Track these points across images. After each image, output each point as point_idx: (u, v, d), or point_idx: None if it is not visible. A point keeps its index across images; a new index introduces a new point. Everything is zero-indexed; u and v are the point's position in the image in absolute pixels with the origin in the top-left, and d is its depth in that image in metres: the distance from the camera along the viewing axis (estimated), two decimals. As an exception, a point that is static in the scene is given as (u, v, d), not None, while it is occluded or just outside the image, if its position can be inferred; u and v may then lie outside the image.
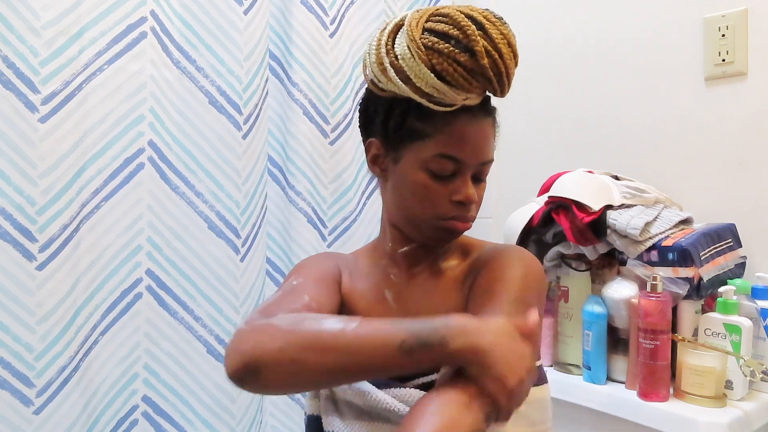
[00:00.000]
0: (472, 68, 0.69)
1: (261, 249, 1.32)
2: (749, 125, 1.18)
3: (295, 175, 1.39)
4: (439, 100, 0.71)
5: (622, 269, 1.15)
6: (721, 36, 1.21)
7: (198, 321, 1.21)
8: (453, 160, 0.73)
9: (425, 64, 0.69)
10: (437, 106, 0.71)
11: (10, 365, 1.01)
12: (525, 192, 1.38)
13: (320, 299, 0.73)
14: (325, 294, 0.75)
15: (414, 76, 0.70)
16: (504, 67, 0.70)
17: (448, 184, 0.74)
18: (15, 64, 1.01)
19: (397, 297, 0.81)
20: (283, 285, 0.78)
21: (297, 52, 1.38)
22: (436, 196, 0.74)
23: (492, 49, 0.69)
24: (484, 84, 0.70)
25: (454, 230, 0.76)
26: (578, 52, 1.46)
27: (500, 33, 0.70)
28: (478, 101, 0.73)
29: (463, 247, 0.84)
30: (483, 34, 0.69)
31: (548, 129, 1.52)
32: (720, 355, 0.98)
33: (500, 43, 0.70)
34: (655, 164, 1.31)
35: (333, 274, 0.81)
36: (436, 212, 0.75)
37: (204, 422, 1.21)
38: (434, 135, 0.73)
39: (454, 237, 0.79)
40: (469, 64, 0.68)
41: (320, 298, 0.74)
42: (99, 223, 1.11)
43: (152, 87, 1.16)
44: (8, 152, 1.01)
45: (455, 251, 0.84)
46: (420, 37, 0.70)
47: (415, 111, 0.73)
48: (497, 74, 0.70)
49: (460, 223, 0.76)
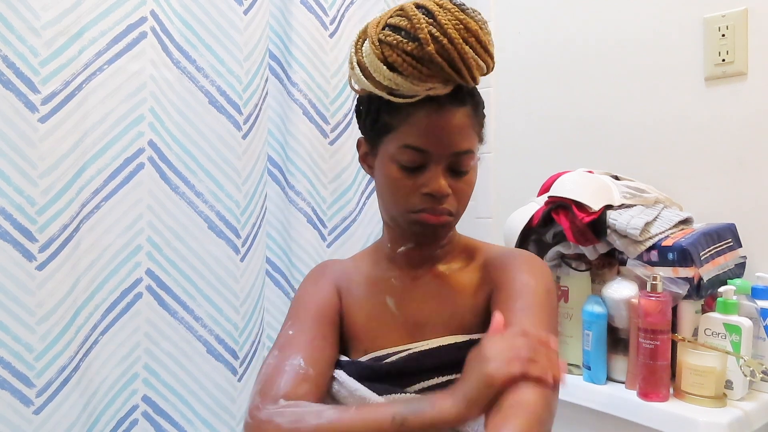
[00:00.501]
0: (419, 56, 0.68)
1: (261, 249, 1.32)
2: (749, 125, 1.18)
3: (294, 175, 1.39)
4: (400, 93, 0.71)
5: (622, 269, 1.15)
6: (721, 36, 1.21)
7: (198, 321, 1.21)
8: (418, 150, 0.73)
9: (378, 58, 0.70)
10: (399, 98, 0.72)
11: (10, 365, 1.01)
12: (525, 192, 1.38)
13: (315, 356, 0.75)
14: (320, 346, 0.76)
15: (373, 71, 0.71)
16: (456, 52, 0.68)
17: (419, 177, 0.73)
18: (15, 64, 1.01)
19: (399, 303, 0.80)
20: (281, 332, 0.79)
21: (297, 52, 1.38)
22: (406, 188, 0.74)
23: (440, 34, 0.68)
24: (436, 71, 0.69)
25: (425, 223, 0.74)
26: (578, 52, 1.46)
27: (454, 18, 0.69)
28: (445, 91, 0.72)
29: (466, 250, 0.83)
30: (432, 21, 0.69)
31: (548, 129, 1.52)
32: (720, 355, 0.98)
33: (450, 28, 0.68)
34: (655, 164, 1.31)
35: (329, 306, 0.81)
36: (406, 205, 0.75)
37: (204, 422, 1.21)
38: (399, 127, 0.73)
39: (430, 231, 0.76)
40: (416, 52, 0.68)
41: (315, 354, 0.75)
42: (99, 223, 1.11)
43: (152, 87, 1.16)
44: (8, 152, 1.01)
45: (457, 253, 0.83)
46: (377, 32, 0.71)
47: (385, 106, 0.74)
48: (447, 59, 0.68)
49: (431, 215, 0.74)
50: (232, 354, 1.24)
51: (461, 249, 0.84)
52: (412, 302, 0.80)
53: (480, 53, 0.71)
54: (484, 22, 0.72)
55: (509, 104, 1.61)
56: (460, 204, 0.76)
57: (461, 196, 0.76)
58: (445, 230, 0.78)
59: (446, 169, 0.74)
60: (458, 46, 0.68)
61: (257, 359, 1.30)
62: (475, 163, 0.77)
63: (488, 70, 0.75)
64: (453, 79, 0.70)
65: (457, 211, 0.76)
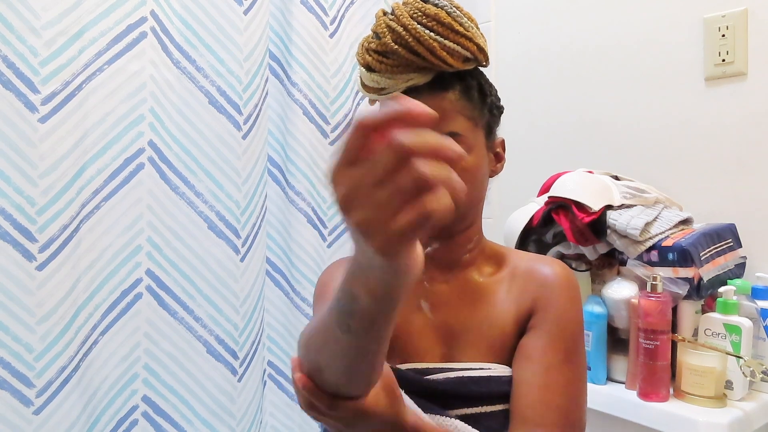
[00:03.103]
0: (381, 50, 0.72)
1: (261, 249, 1.32)
2: (749, 125, 1.18)
3: (295, 175, 1.39)
4: (387, 90, 0.74)
5: (622, 269, 1.15)
6: (721, 36, 1.21)
7: (198, 321, 1.21)
8: None
9: (360, 64, 0.75)
10: (385, 96, 0.75)
11: (10, 365, 1.01)
12: (525, 192, 1.38)
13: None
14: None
15: (361, 77, 0.76)
16: (411, 36, 0.70)
17: None
18: (15, 64, 1.01)
19: (434, 307, 0.79)
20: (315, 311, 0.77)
21: (297, 52, 1.38)
22: None
23: (396, 24, 0.71)
24: (400, 60, 0.71)
25: None
26: (578, 52, 1.46)
27: (412, 9, 0.71)
28: (425, 80, 0.73)
29: (494, 256, 0.82)
30: (390, 14, 0.73)
31: (548, 129, 1.52)
32: (720, 355, 0.98)
33: (405, 17, 0.71)
34: (655, 164, 1.31)
35: None
36: None
37: (204, 422, 1.21)
38: None
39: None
40: (377, 47, 0.72)
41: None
42: (99, 223, 1.11)
43: (152, 87, 1.16)
44: (8, 152, 1.01)
45: (485, 258, 0.81)
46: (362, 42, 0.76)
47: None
48: (404, 45, 0.70)
49: None
50: (232, 354, 1.24)
51: (489, 254, 0.82)
52: (447, 308, 0.78)
53: (446, 35, 0.71)
54: (449, 5, 0.72)
55: (509, 104, 1.60)
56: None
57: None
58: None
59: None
60: (413, 31, 0.70)
61: (257, 359, 1.30)
62: (469, 148, 0.74)
63: (470, 52, 0.73)
64: (419, 65, 0.72)
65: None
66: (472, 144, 0.75)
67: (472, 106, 0.75)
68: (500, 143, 0.82)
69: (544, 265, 0.79)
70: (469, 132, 0.74)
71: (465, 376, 0.73)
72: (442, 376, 0.74)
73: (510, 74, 1.61)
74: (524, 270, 0.79)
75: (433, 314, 0.78)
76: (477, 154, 0.75)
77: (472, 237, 0.80)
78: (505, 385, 0.73)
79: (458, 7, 0.73)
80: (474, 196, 0.77)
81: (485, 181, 0.79)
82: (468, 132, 0.74)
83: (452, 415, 0.71)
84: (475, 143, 0.75)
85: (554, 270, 0.78)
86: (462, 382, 0.73)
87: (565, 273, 0.78)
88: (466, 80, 0.75)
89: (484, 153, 0.77)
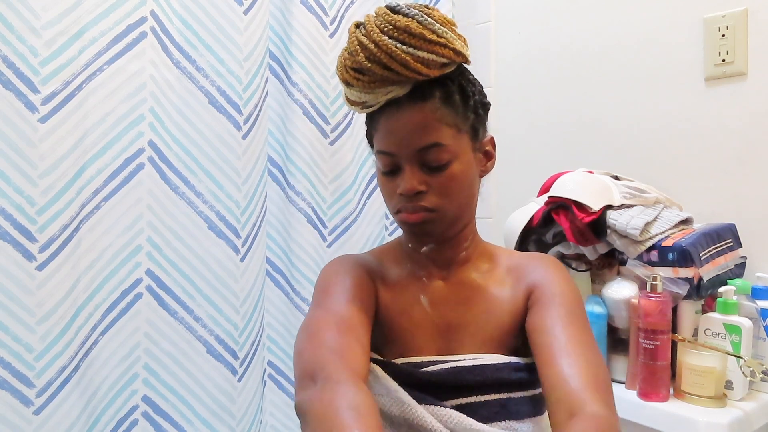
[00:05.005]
0: (357, 67, 0.72)
1: (261, 249, 1.32)
2: (749, 125, 1.18)
3: (295, 175, 1.39)
4: (368, 104, 0.75)
5: (622, 269, 1.15)
6: (721, 36, 1.21)
7: (198, 321, 1.21)
8: (388, 154, 0.76)
9: (340, 80, 0.76)
10: (367, 109, 0.76)
11: (10, 365, 1.00)
12: (525, 192, 1.38)
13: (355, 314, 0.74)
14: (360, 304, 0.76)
15: (344, 92, 0.78)
16: (383, 53, 0.70)
17: (396, 179, 0.76)
18: (15, 64, 1.01)
19: (432, 303, 0.80)
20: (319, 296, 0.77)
21: (297, 52, 1.38)
22: (388, 191, 0.78)
23: (367, 41, 0.71)
24: (375, 76, 0.71)
25: (406, 222, 0.76)
26: (578, 52, 1.46)
27: (382, 22, 0.71)
28: (404, 91, 0.73)
29: (487, 254, 0.84)
30: (361, 30, 0.73)
31: (548, 129, 1.52)
32: (720, 355, 0.98)
33: (376, 32, 0.70)
34: (655, 164, 1.31)
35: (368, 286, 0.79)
36: (392, 207, 0.78)
37: (204, 422, 1.21)
38: (375, 135, 0.78)
39: (416, 229, 0.76)
40: (353, 65, 0.73)
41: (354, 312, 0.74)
42: (99, 223, 1.11)
43: (152, 87, 1.16)
44: (8, 152, 1.01)
45: (480, 256, 0.83)
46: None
47: (367, 119, 0.80)
48: (377, 62, 0.70)
49: (408, 214, 0.75)
50: (232, 354, 1.24)
51: (483, 252, 0.84)
52: (445, 303, 0.80)
53: (419, 45, 0.70)
54: (420, 14, 0.71)
55: (509, 104, 1.61)
56: (444, 198, 0.75)
57: (442, 190, 0.75)
58: (431, 226, 0.76)
59: (421, 167, 0.74)
60: (384, 47, 0.70)
61: (257, 359, 1.30)
62: (453, 155, 0.74)
63: (446, 57, 0.72)
64: (395, 79, 0.72)
65: (440, 206, 0.75)
66: (456, 151, 0.75)
67: (454, 113, 0.75)
68: (489, 141, 0.82)
69: (534, 257, 0.84)
70: (451, 139, 0.74)
71: (458, 366, 0.75)
72: (436, 367, 0.75)
73: (510, 74, 1.61)
74: (517, 265, 0.83)
75: (432, 309, 0.80)
76: (462, 159, 0.76)
77: (467, 236, 0.82)
78: (496, 372, 0.74)
79: (430, 14, 0.72)
80: (464, 200, 0.78)
81: (475, 183, 0.80)
82: (451, 140, 0.74)
83: (448, 405, 0.72)
84: (459, 150, 0.75)
85: (544, 257, 0.84)
86: (456, 371, 0.74)
87: (554, 259, 0.84)
88: (447, 86, 0.75)
89: (470, 157, 0.77)
